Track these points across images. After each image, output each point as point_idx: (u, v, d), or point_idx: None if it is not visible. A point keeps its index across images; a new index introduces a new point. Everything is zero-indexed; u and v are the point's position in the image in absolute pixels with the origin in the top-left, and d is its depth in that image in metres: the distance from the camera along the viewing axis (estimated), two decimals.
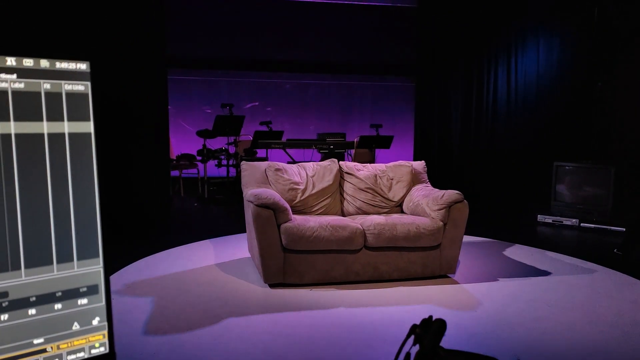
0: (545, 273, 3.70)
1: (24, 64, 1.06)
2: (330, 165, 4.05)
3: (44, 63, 1.08)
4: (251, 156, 7.09)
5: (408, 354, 1.02)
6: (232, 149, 7.38)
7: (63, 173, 1.10)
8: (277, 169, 3.85)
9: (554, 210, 5.80)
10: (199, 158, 7.28)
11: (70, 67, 1.11)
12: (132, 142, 5.80)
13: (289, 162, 4.43)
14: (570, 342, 2.51)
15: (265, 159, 7.03)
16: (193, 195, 7.40)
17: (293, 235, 3.19)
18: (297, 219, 3.34)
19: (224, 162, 7.39)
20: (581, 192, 5.73)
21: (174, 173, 7.39)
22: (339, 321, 2.74)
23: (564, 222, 5.60)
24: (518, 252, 4.32)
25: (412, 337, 1.01)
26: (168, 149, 7.02)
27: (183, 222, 5.74)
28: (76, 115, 1.12)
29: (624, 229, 4.76)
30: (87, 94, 1.13)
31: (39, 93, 1.08)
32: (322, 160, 5.67)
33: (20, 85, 1.05)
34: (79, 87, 1.12)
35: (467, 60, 7.45)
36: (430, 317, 1.03)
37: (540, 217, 5.75)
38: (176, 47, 8.19)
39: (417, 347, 1.00)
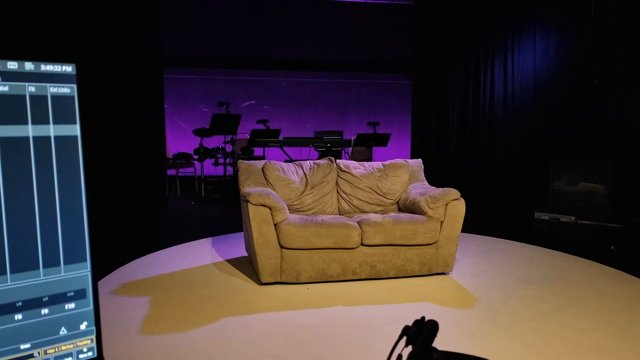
0: (542, 270, 3.70)
1: (8, 66, 1.05)
2: (327, 163, 4.05)
3: (29, 66, 1.07)
4: (248, 155, 7.08)
5: (400, 356, 1.01)
6: (229, 148, 7.36)
7: (49, 177, 1.09)
8: (274, 168, 3.84)
9: (550, 207, 5.79)
10: (195, 157, 7.27)
11: (55, 69, 1.10)
12: (128, 141, 5.79)
13: (286, 161, 4.42)
14: (568, 341, 2.50)
15: (262, 158, 7.02)
16: (190, 194, 7.39)
17: (290, 234, 3.19)
18: (294, 218, 3.34)
19: (221, 160, 7.38)
20: (578, 189, 5.73)
21: (171, 172, 7.39)
22: (336, 319, 2.74)
23: (561, 219, 5.60)
24: (515, 250, 4.31)
25: (405, 338, 1.00)
26: (164, 148, 7.01)
27: (180, 221, 5.73)
28: (62, 118, 1.10)
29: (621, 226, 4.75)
30: (73, 97, 1.12)
31: (24, 96, 1.06)
32: (319, 158, 5.65)
33: (4, 88, 1.04)
34: (65, 89, 1.11)
35: (464, 57, 7.45)
36: (423, 317, 1.02)
37: (537, 214, 5.75)
38: (172, 46, 8.18)
39: (409, 349, 0.99)
